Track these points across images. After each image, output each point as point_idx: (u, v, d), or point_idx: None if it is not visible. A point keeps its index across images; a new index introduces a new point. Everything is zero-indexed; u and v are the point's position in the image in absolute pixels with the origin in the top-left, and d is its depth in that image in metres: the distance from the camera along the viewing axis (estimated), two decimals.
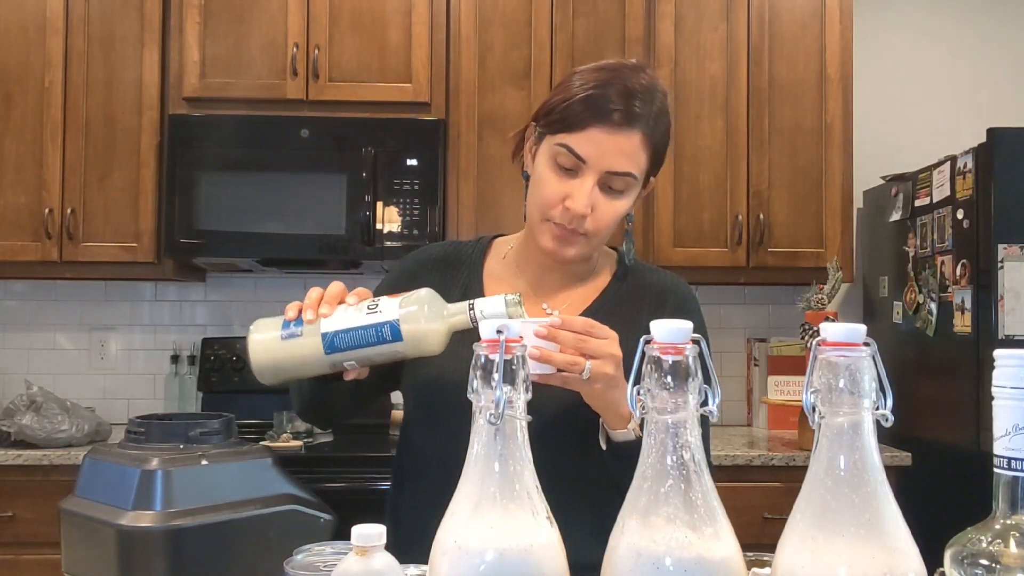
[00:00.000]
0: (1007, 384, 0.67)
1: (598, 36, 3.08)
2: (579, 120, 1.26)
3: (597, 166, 1.27)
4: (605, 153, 1.26)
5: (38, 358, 3.38)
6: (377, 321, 1.11)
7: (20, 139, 3.02)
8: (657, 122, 1.30)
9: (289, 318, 1.15)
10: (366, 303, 1.14)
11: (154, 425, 1.10)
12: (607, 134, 1.26)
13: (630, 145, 1.27)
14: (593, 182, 1.27)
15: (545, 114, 1.32)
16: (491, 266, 1.45)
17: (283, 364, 1.15)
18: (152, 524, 0.97)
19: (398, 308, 1.12)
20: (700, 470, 0.71)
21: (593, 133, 1.26)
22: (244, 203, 2.98)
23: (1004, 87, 3.52)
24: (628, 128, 1.26)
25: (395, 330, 1.11)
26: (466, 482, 0.76)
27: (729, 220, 3.08)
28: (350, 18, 3.05)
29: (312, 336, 1.13)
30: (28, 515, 2.65)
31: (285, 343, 1.15)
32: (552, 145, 1.29)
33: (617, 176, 1.28)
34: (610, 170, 1.27)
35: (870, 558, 0.66)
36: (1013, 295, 2.57)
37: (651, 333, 0.73)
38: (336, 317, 1.13)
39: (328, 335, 1.12)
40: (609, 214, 1.30)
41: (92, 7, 3.04)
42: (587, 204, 1.27)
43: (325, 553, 0.88)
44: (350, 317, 1.13)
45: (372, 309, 1.12)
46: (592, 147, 1.26)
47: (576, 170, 1.28)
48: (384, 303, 1.13)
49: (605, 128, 1.26)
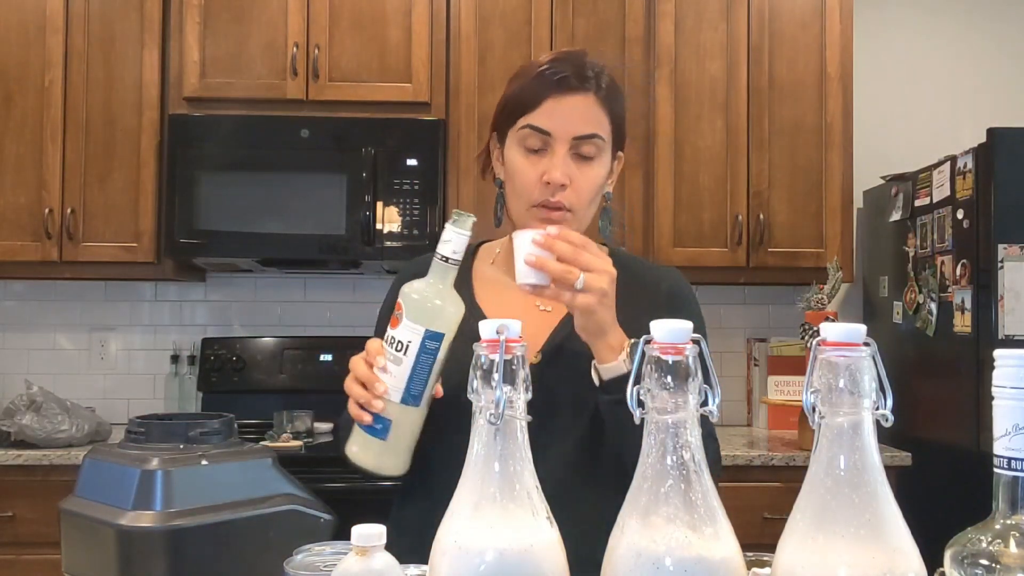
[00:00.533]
0: (1007, 384, 0.67)
1: (598, 36, 3.08)
2: (534, 96, 1.31)
3: (563, 134, 1.30)
4: (567, 119, 1.30)
5: (38, 358, 3.38)
6: (417, 344, 1.12)
7: (20, 139, 3.02)
8: (609, 87, 1.34)
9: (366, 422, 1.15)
10: (389, 347, 1.14)
11: (154, 425, 1.10)
12: (563, 100, 1.30)
13: (587, 106, 1.31)
14: (564, 151, 1.30)
15: (501, 111, 1.36)
16: (480, 270, 1.45)
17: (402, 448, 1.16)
18: (152, 524, 0.97)
19: (413, 322, 1.12)
20: (700, 470, 0.71)
21: (550, 104, 1.30)
22: (244, 203, 2.98)
23: (1004, 87, 3.52)
24: (582, 91, 1.31)
25: (432, 334, 1.12)
26: (466, 482, 0.76)
27: (729, 220, 3.08)
28: (350, 18, 3.05)
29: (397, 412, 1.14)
30: (28, 515, 2.65)
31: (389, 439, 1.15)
32: (516, 132, 1.33)
33: (585, 140, 1.31)
34: (577, 135, 1.30)
35: (870, 558, 0.66)
36: (1013, 295, 2.57)
37: (651, 333, 0.72)
38: (392, 378, 1.13)
39: (404, 395, 1.13)
40: (587, 183, 1.32)
41: (92, 7, 3.04)
42: (564, 173, 1.30)
43: (325, 553, 0.88)
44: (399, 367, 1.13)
45: (399, 344, 1.12)
46: (553, 117, 1.30)
47: (545, 147, 1.31)
48: (399, 330, 1.13)
49: (560, 95, 1.30)
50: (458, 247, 1.12)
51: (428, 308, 1.12)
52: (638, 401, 0.72)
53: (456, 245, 1.12)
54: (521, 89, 1.33)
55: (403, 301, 1.14)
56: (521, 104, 1.32)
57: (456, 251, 1.12)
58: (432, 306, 1.12)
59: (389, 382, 1.13)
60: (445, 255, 1.13)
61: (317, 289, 3.43)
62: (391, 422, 1.14)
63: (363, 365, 1.16)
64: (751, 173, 3.09)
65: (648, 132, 3.08)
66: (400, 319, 1.13)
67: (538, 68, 1.33)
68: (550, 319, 1.38)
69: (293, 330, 3.38)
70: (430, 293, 1.13)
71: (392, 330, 1.14)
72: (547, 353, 1.34)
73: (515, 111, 1.33)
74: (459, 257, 1.13)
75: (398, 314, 1.14)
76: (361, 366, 1.16)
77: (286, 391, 3.24)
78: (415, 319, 1.12)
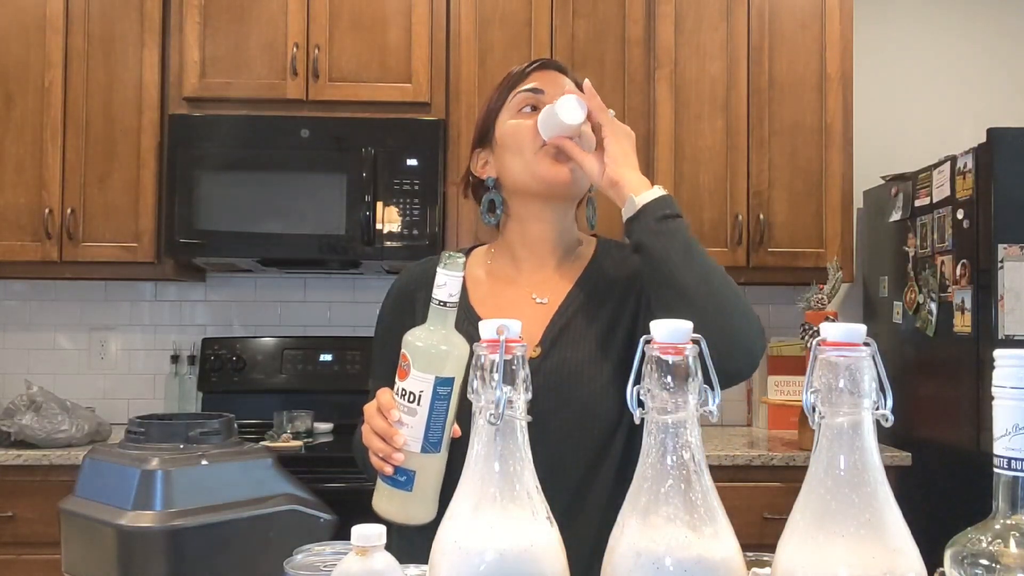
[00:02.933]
0: (1007, 384, 0.67)
1: (598, 37, 3.08)
2: (520, 76, 1.42)
3: (555, 91, 1.38)
4: (555, 82, 1.41)
5: (38, 358, 3.38)
6: (429, 393, 1.11)
7: (20, 139, 3.02)
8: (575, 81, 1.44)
9: (388, 473, 1.15)
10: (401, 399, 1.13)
11: (154, 425, 1.10)
12: (548, 74, 1.43)
13: (568, 83, 1.42)
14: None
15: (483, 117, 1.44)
16: (473, 274, 1.46)
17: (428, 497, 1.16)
18: (152, 524, 0.97)
19: (422, 372, 1.11)
20: (700, 470, 0.71)
21: (537, 75, 1.42)
22: (244, 203, 2.98)
23: (1004, 87, 3.52)
24: (560, 73, 1.44)
25: (443, 381, 1.11)
26: (466, 482, 0.76)
27: (729, 220, 3.08)
28: (350, 18, 3.05)
29: (419, 462, 1.13)
30: (28, 515, 2.65)
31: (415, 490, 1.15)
32: (509, 106, 1.41)
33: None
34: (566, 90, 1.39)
35: (870, 558, 0.66)
36: (1013, 295, 2.57)
37: (651, 333, 0.72)
38: (410, 429, 1.13)
39: (424, 444, 1.13)
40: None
41: (92, 7, 3.04)
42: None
43: (325, 553, 0.88)
44: (415, 417, 1.12)
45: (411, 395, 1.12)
46: (544, 81, 1.41)
47: (539, 104, 1.39)
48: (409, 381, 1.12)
49: (544, 71, 1.43)
50: (454, 290, 1.12)
51: (434, 355, 1.11)
52: (638, 401, 0.72)
53: (452, 288, 1.11)
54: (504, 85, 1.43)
55: (408, 352, 1.12)
56: (508, 87, 1.41)
57: (452, 294, 1.12)
58: (438, 352, 1.11)
59: (407, 433, 1.12)
60: (442, 300, 1.12)
61: (317, 289, 3.43)
62: (415, 472, 1.13)
63: (379, 418, 1.15)
64: (751, 173, 3.09)
65: (648, 132, 3.08)
66: (408, 370, 1.12)
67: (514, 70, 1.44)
68: (545, 311, 1.39)
69: (293, 330, 3.38)
70: (434, 339, 1.12)
71: (401, 382, 1.13)
72: (546, 345, 1.35)
73: (503, 95, 1.42)
74: (456, 299, 1.12)
75: (404, 365, 1.12)
76: (378, 419, 1.15)
77: (286, 391, 3.24)
78: (423, 368, 1.11)
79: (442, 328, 1.12)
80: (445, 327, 1.12)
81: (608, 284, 1.40)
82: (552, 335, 1.36)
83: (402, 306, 1.44)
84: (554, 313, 1.38)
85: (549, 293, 1.41)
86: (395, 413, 1.13)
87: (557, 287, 1.42)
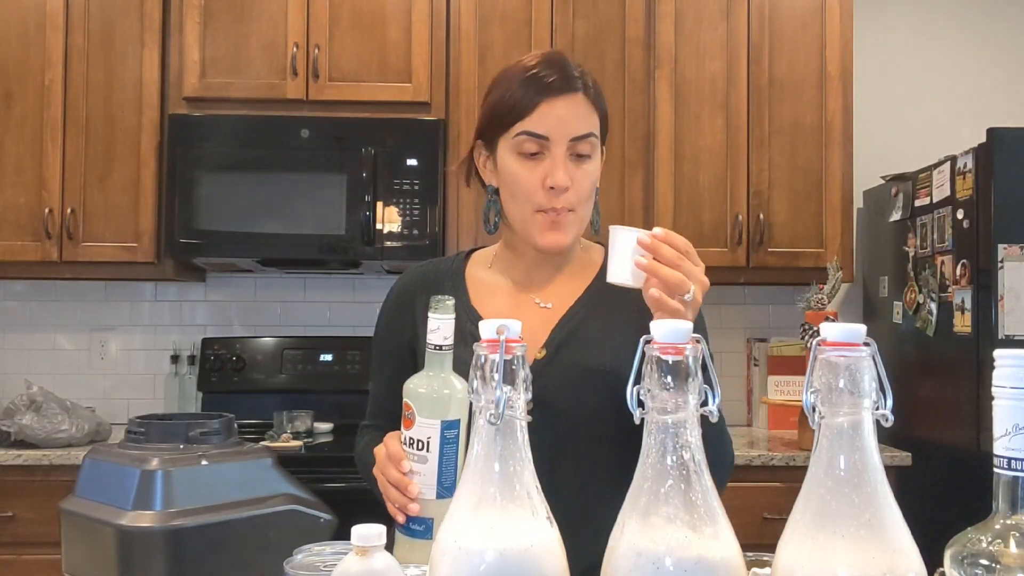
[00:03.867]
0: (1007, 384, 0.67)
1: (598, 36, 3.08)
2: (527, 103, 1.30)
3: (560, 137, 1.29)
4: (562, 122, 1.29)
5: (38, 358, 3.38)
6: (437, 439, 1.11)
7: (20, 139, 3.02)
8: (593, 85, 1.34)
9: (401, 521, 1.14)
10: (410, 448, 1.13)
11: (154, 425, 1.09)
12: (557, 103, 1.29)
13: (579, 106, 1.31)
14: (563, 154, 1.30)
15: (490, 118, 1.35)
16: (473, 275, 1.45)
17: None
18: (152, 524, 0.97)
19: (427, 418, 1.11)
20: (700, 470, 0.71)
21: (544, 108, 1.29)
22: (244, 203, 2.98)
23: (1004, 87, 3.52)
24: (571, 91, 1.30)
25: (449, 424, 1.11)
26: (466, 482, 0.76)
27: (729, 220, 3.08)
28: (350, 18, 3.05)
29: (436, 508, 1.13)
30: (28, 515, 2.65)
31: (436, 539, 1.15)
32: (511, 140, 1.32)
33: (581, 140, 1.31)
34: (573, 136, 1.30)
35: (870, 558, 0.66)
36: (1013, 295, 2.57)
37: (651, 333, 0.72)
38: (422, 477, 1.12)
39: (439, 490, 1.12)
40: (587, 181, 1.32)
41: (92, 6, 3.04)
42: (567, 176, 1.29)
43: (325, 553, 0.88)
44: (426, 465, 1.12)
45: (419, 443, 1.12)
46: (549, 121, 1.29)
47: (543, 151, 1.30)
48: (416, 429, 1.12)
49: (552, 98, 1.29)
50: (448, 333, 1.11)
51: (437, 400, 1.11)
52: (638, 401, 0.72)
53: (445, 331, 1.11)
54: (511, 95, 1.31)
55: (410, 400, 1.12)
56: (514, 111, 1.30)
57: (447, 337, 1.11)
58: (440, 397, 1.11)
59: (420, 482, 1.11)
60: (438, 344, 1.11)
61: (317, 289, 3.42)
62: (432, 520, 1.13)
63: (392, 469, 1.14)
64: (751, 173, 3.09)
65: (648, 132, 3.08)
66: (413, 419, 1.12)
67: (525, 72, 1.31)
68: (550, 315, 1.38)
69: (293, 330, 3.38)
70: (436, 385, 1.12)
71: (408, 431, 1.12)
72: (551, 348, 1.35)
73: (507, 118, 1.31)
74: (451, 342, 1.12)
75: (408, 414, 1.12)
76: (391, 470, 1.14)
77: (286, 391, 3.24)
78: (428, 415, 1.11)
79: (441, 372, 1.12)
80: (444, 370, 1.12)
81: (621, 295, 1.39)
82: (559, 338, 1.35)
83: (402, 308, 1.43)
84: (561, 316, 1.37)
85: (552, 298, 1.40)
86: (406, 464, 1.12)
87: (561, 291, 1.41)
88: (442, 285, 1.43)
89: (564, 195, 1.30)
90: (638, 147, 3.07)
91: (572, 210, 1.32)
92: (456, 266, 1.46)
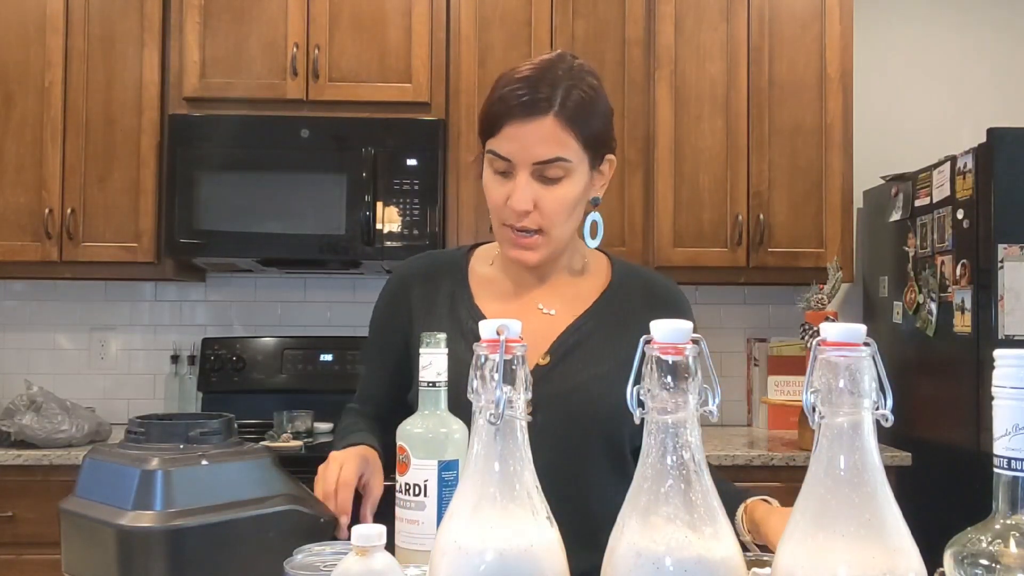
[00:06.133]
0: (1007, 384, 0.67)
1: (598, 37, 3.08)
2: (495, 122, 1.28)
3: (523, 161, 1.27)
4: (525, 146, 1.26)
5: (38, 358, 3.38)
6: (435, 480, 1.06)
7: (20, 139, 3.02)
8: (578, 104, 1.27)
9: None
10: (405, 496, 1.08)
11: (154, 425, 1.09)
12: (520, 127, 1.26)
13: (545, 131, 1.26)
14: (526, 177, 1.28)
15: (478, 125, 1.34)
16: (477, 272, 1.44)
17: None
18: (152, 524, 0.97)
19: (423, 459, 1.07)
20: (700, 470, 0.71)
21: (508, 130, 1.27)
22: (244, 203, 2.98)
23: (1004, 87, 3.52)
24: (537, 115, 1.25)
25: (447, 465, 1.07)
26: (466, 482, 0.76)
27: (729, 220, 3.08)
28: (350, 18, 3.05)
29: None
30: (28, 515, 2.65)
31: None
32: (486, 154, 1.31)
33: (547, 164, 1.27)
34: (537, 160, 1.27)
35: (870, 558, 0.66)
36: (1013, 295, 2.57)
37: (651, 333, 0.72)
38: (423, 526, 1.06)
39: None
40: (555, 204, 1.29)
41: (92, 7, 3.04)
42: (526, 199, 1.27)
43: (325, 553, 0.88)
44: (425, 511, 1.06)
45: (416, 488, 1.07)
46: (511, 144, 1.27)
47: (509, 171, 1.29)
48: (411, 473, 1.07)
49: (516, 122, 1.26)
50: (441, 368, 1.08)
51: (433, 440, 1.07)
52: (638, 401, 0.72)
53: (439, 367, 1.08)
54: (485, 113, 1.30)
55: (405, 443, 1.08)
56: (486, 129, 1.30)
57: (440, 372, 1.08)
58: (436, 436, 1.07)
59: (419, 532, 1.05)
60: (431, 380, 1.08)
61: (317, 289, 3.42)
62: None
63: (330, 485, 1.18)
64: (751, 173, 3.09)
65: (648, 133, 3.08)
66: (407, 462, 1.07)
67: (505, 87, 1.28)
68: (554, 322, 1.37)
69: (293, 330, 3.38)
70: (431, 424, 1.08)
71: (402, 476, 1.07)
72: (555, 355, 1.34)
73: (483, 134, 1.31)
74: (444, 378, 1.08)
75: (403, 458, 1.08)
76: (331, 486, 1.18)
77: (286, 391, 3.24)
78: (425, 455, 1.07)
79: (436, 410, 1.08)
80: (439, 408, 1.08)
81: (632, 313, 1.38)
82: (565, 346, 1.34)
83: (397, 300, 1.43)
84: (568, 325, 1.36)
85: (556, 305, 1.39)
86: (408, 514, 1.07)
87: (567, 300, 1.40)
88: (442, 279, 1.43)
89: (527, 218, 1.29)
90: (638, 148, 3.07)
91: (539, 231, 1.30)
92: (459, 263, 1.46)
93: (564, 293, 1.41)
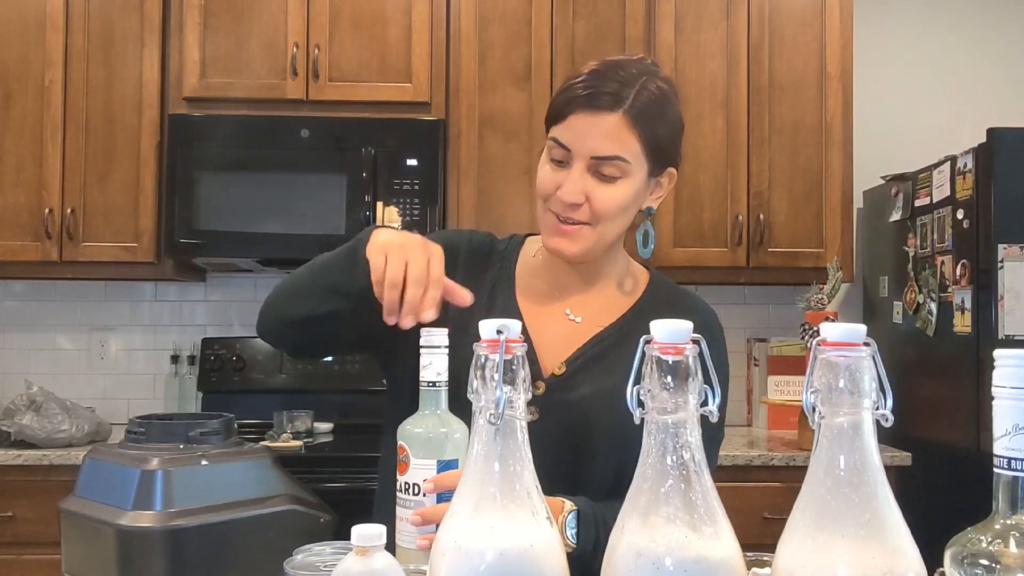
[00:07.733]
0: (1007, 384, 0.67)
1: (598, 36, 3.08)
2: (562, 110, 1.27)
3: (581, 152, 1.26)
4: (586, 137, 1.25)
5: (38, 358, 3.38)
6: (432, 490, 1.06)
7: (20, 139, 3.02)
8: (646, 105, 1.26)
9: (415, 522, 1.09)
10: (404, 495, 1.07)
11: (154, 425, 1.09)
12: (586, 118, 1.25)
13: (610, 127, 1.25)
14: (581, 169, 1.26)
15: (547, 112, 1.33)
16: (522, 263, 1.42)
17: None
18: (152, 524, 0.97)
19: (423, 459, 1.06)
20: (700, 470, 0.71)
21: (573, 120, 1.26)
22: (244, 203, 2.98)
23: (1004, 87, 3.52)
24: (606, 110, 1.25)
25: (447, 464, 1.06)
26: (466, 482, 0.76)
27: (729, 220, 3.08)
28: (350, 18, 3.05)
29: None
30: (28, 515, 2.65)
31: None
32: (548, 142, 1.31)
33: (604, 160, 1.26)
34: (595, 155, 1.26)
35: (870, 558, 0.66)
36: (1013, 295, 2.57)
37: (651, 333, 0.72)
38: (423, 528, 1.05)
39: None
40: (607, 200, 1.27)
41: (92, 6, 3.04)
42: (577, 191, 1.26)
43: (325, 553, 0.88)
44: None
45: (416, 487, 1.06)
46: (573, 133, 1.26)
47: (567, 161, 1.27)
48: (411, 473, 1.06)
49: (583, 112, 1.25)
50: (441, 368, 1.06)
51: (433, 439, 1.06)
52: (638, 401, 0.72)
53: (438, 366, 1.06)
54: (556, 99, 1.30)
55: (405, 442, 1.07)
56: (552, 116, 1.30)
57: (440, 372, 1.06)
58: (436, 436, 1.06)
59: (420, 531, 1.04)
60: (431, 380, 1.07)
61: None
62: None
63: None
64: (751, 173, 3.09)
65: None
66: (407, 462, 1.06)
67: (574, 78, 1.28)
68: (577, 330, 1.35)
69: None
70: (431, 424, 1.07)
71: (402, 476, 1.07)
72: (572, 366, 1.31)
73: (548, 121, 1.31)
74: (445, 377, 1.06)
75: (403, 457, 1.07)
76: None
77: (286, 391, 3.24)
78: (425, 455, 1.06)
79: (436, 410, 1.07)
80: (440, 407, 1.07)
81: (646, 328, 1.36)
82: (584, 359, 1.32)
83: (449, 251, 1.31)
84: (591, 336, 1.34)
85: (584, 312, 1.37)
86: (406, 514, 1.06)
87: (596, 309, 1.37)
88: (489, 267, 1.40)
89: (574, 211, 1.27)
90: None
91: (587, 223, 1.28)
92: (509, 252, 1.43)
93: (594, 302, 1.38)
